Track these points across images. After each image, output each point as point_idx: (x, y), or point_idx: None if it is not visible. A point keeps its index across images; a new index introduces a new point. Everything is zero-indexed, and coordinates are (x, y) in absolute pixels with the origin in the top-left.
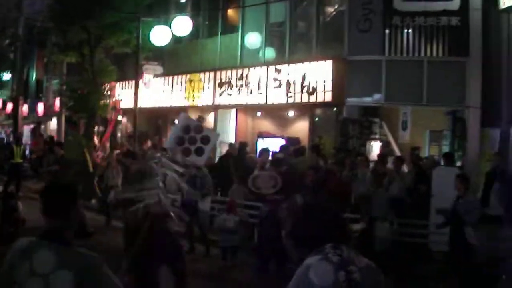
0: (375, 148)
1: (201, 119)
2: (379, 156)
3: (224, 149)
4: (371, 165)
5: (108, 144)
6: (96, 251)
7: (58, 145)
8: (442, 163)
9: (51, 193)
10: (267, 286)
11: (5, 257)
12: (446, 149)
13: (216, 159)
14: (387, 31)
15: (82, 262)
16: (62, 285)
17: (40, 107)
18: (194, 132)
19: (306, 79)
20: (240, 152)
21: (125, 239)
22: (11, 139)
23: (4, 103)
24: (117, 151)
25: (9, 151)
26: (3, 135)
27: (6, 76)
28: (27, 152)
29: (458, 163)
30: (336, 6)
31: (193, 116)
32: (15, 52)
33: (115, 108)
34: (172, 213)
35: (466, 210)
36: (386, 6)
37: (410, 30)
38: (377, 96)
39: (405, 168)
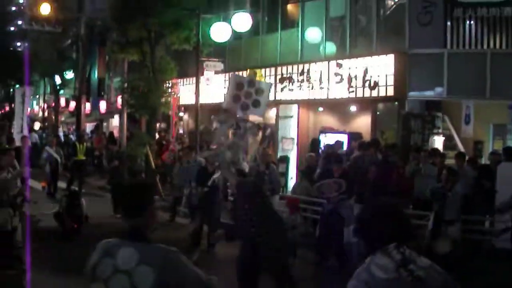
0: (438, 142)
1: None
2: (432, 150)
3: (285, 145)
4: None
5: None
6: None
7: (112, 142)
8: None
9: (129, 193)
10: (326, 283)
11: (90, 257)
12: (510, 143)
13: (279, 154)
14: (448, 24)
15: (161, 257)
16: (144, 279)
17: (102, 105)
18: (247, 87)
19: (367, 74)
20: (311, 148)
21: None
22: (74, 137)
23: (67, 102)
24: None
25: (72, 149)
26: (62, 133)
27: (69, 75)
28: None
29: None
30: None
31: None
32: (77, 51)
33: (178, 105)
34: None
35: None
36: None
37: (472, 22)
38: (439, 90)
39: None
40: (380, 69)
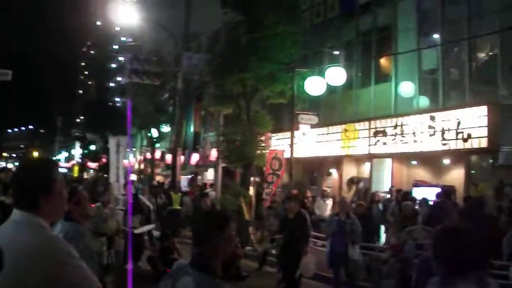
0: None
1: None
2: None
3: (377, 198)
4: None
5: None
6: None
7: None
8: None
9: (197, 221)
10: None
11: None
12: None
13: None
14: None
15: None
16: None
17: (195, 158)
18: None
19: (460, 126)
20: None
21: None
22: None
23: (163, 154)
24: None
25: (168, 198)
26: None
27: (165, 128)
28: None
29: None
30: (488, 51)
31: (350, 166)
32: (174, 105)
33: (278, 158)
34: None
35: None
36: None
37: None
38: None
39: None
40: (473, 121)
